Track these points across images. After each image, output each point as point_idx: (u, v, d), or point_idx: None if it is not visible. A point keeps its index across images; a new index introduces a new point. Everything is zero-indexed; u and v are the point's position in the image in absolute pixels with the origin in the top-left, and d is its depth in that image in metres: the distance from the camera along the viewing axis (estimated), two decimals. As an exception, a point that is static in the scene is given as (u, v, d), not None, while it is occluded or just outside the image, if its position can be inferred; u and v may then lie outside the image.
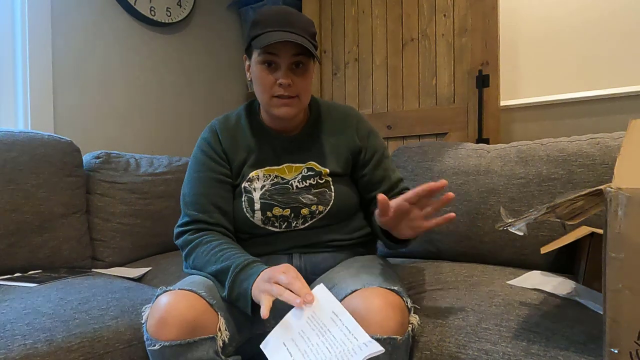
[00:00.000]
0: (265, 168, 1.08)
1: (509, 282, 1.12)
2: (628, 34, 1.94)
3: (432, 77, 2.14)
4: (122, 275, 1.44)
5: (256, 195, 1.06)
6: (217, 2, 2.61)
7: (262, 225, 1.06)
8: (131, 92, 2.21)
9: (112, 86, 2.13)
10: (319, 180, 1.08)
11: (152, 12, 2.25)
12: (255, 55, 1.02)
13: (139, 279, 1.46)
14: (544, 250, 1.18)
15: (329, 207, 1.07)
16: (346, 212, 1.11)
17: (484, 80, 1.97)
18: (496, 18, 1.94)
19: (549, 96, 2.07)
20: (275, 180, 1.08)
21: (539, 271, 1.22)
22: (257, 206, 1.05)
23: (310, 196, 1.07)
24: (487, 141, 1.96)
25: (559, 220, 0.83)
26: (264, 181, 1.08)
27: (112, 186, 1.67)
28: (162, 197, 1.76)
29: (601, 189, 0.61)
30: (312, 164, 1.10)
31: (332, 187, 1.09)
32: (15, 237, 1.38)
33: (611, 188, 0.58)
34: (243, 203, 1.06)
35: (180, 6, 2.38)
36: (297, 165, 1.09)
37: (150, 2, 2.25)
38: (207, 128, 1.14)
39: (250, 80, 1.08)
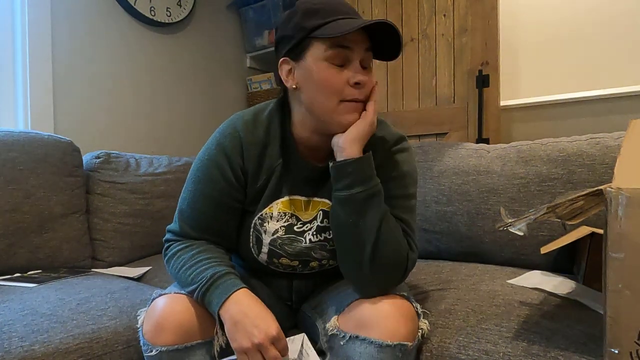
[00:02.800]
0: (283, 199, 0.93)
1: (509, 281, 1.11)
2: (628, 34, 1.94)
3: (432, 77, 2.14)
4: (122, 275, 1.44)
5: (266, 239, 0.94)
6: (217, 2, 2.61)
7: (265, 264, 0.98)
8: (131, 92, 2.21)
9: (112, 86, 2.13)
10: None
11: (152, 12, 2.25)
12: (317, 52, 0.82)
13: (138, 279, 1.46)
14: (544, 250, 1.18)
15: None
16: None
17: (484, 80, 1.97)
18: (496, 18, 1.94)
19: (549, 96, 2.07)
20: (290, 222, 0.93)
21: (539, 271, 1.22)
22: (265, 249, 0.95)
23: (324, 252, 0.96)
24: (487, 141, 1.96)
25: (559, 220, 0.83)
26: (277, 222, 0.93)
27: (112, 186, 1.66)
28: (162, 197, 1.76)
29: (601, 189, 0.61)
30: (329, 205, 0.93)
31: None
32: (15, 237, 1.38)
33: (611, 188, 0.58)
34: (250, 238, 0.95)
35: (180, 6, 2.38)
36: (315, 201, 0.94)
37: (150, 2, 2.25)
38: (228, 130, 0.91)
39: (295, 88, 0.86)
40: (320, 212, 0.94)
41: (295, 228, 0.94)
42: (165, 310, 0.83)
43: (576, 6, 2.05)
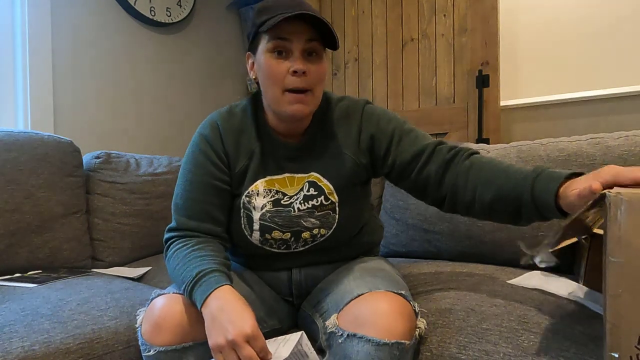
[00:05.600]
0: (266, 179, 0.98)
1: (509, 281, 1.11)
2: (628, 34, 1.94)
3: (432, 77, 2.14)
4: (122, 275, 1.44)
5: (255, 215, 0.97)
6: (217, 2, 2.61)
7: (259, 245, 1.00)
8: (131, 92, 2.21)
9: (112, 86, 2.13)
10: (323, 202, 0.98)
11: (152, 12, 2.25)
12: (262, 45, 0.90)
13: (138, 279, 1.46)
14: (544, 250, 1.18)
15: (331, 230, 1.00)
16: (350, 232, 1.04)
17: (484, 80, 1.97)
18: (496, 18, 1.94)
19: (549, 96, 2.07)
20: (276, 197, 0.97)
21: (539, 271, 1.22)
22: (256, 226, 0.97)
23: (313, 219, 0.98)
24: (487, 141, 1.96)
25: (581, 238, 0.82)
26: (264, 198, 0.97)
27: (112, 186, 1.66)
28: (162, 197, 1.76)
29: (604, 193, 0.61)
30: (315, 176, 0.98)
31: (336, 208, 0.99)
32: (15, 237, 1.38)
33: (611, 192, 0.58)
34: (242, 219, 0.98)
35: (180, 6, 2.38)
36: (299, 176, 0.98)
37: (150, 2, 2.25)
38: (207, 122, 1.00)
39: (255, 79, 0.96)
40: (306, 183, 0.98)
41: (282, 202, 0.98)
42: (164, 310, 0.83)
43: (576, 6, 2.05)
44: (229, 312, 0.77)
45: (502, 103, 2.07)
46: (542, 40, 2.13)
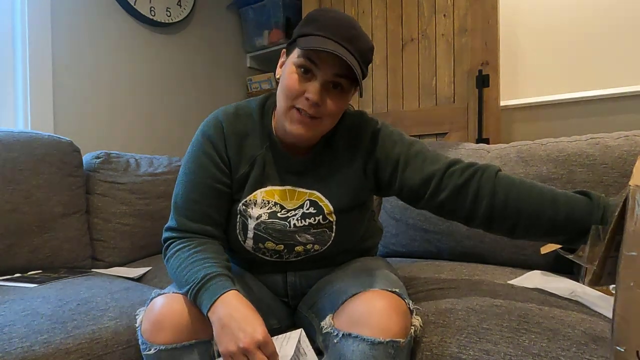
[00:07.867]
0: (267, 189, 0.96)
1: (509, 281, 1.11)
2: (628, 34, 1.94)
3: (432, 77, 2.14)
4: (122, 275, 1.44)
5: (251, 224, 0.96)
6: (217, 2, 2.61)
7: (252, 252, 0.99)
8: (131, 92, 2.21)
9: (112, 86, 2.13)
10: (321, 221, 0.96)
11: (152, 12, 2.25)
12: (294, 54, 0.87)
13: (138, 279, 1.46)
14: (544, 250, 1.18)
15: (325, 246, 0.99)
16: (344, 246, 1.02)
17: (484, 80, 1.97)
18: (496, 18, 1.94)
19: (549, 96, 2.07)
20: (274, 209, 0.96)
21: (539, 271, 1.22)
22: (250, 234, 0.96)
23: (308, 236, 0.97)
24: (487, 141, 1.96)
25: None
26: (261, 208, 0.96)
27: (112, 186, 1.66)
28: (162, 197, 1.76)
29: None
30: (316, 195, 0.97)
31: (333, 227, 0.97)
32: (15, 237, 1.38)
33: (631, 185, 0.57)
34: (237, 224, 0.97)
35: (180, 6, 2.38)
36: (301, 190, 0.97)
37: (150, 2, 2.25)
38: (211, 121, 0.97)
39: (278, 78, 0.92)
40: (307, 201, 0.96)
41: (279, 214, 0.96)
42: (164, 309, 0.83)
43: (577, 7, 2.05)
44: (238, 319, 0.77)
45: (502, 103, 2.07)
46: (542, 40, 2.13)
